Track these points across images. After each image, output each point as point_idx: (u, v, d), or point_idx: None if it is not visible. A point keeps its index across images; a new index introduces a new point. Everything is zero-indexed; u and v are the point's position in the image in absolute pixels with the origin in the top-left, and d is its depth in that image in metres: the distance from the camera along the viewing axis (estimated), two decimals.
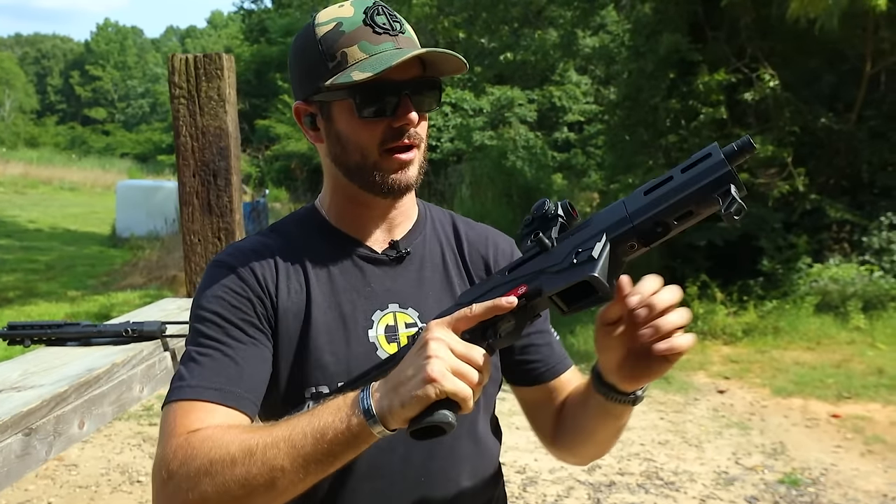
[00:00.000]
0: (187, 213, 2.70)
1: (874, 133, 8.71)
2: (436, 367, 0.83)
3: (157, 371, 2.10)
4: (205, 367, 1.02)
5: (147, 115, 54.01)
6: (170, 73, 2.67)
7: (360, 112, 1.05)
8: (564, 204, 0.94)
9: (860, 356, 6.26)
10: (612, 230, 0.86)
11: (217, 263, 1.12)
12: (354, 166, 1.09)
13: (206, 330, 1.05)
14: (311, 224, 1.18)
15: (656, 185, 0.84)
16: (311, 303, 1.09)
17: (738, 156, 0.79)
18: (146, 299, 8.91)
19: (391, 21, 1.07)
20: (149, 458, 4.27)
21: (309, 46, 1.09)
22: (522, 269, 0.93)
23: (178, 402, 1.00)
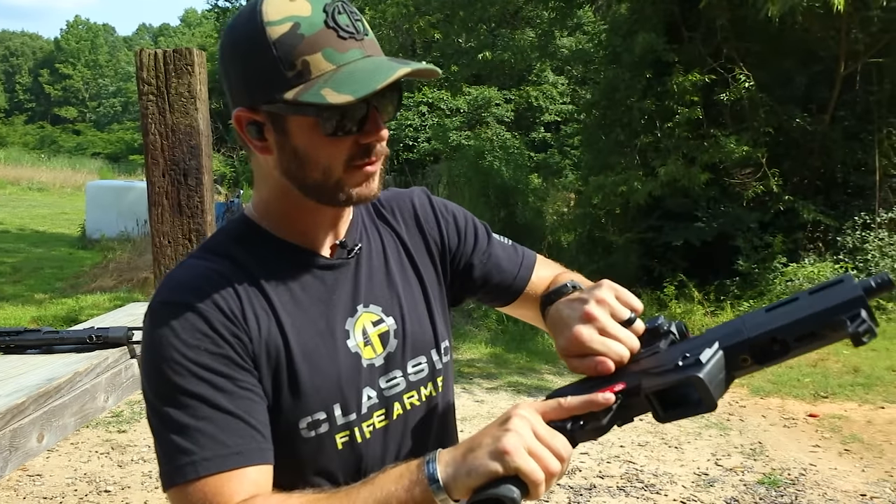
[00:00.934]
0: (156, 213, 2.61)
1: (847, 133, 8.80)
2: (511, 441, 0.80)
3: (124, 379, 2.02)
4: (209, 432, 0.90)
5: (119, 114, 53.31)
6: (137, 69, 2.57)
7: (326, 129, 0.93)
8: (679, 325, 0.92)
9: (836, 355, 6.30)
10: (726, 340, 0.82)
11: (168, 305, 0.95)
12: (313, 184, 0.97)
13: (189, 387, 0.91)
14: (254, 239, 1.04)
15: (780, 304, 0.82)
16: (284, 327, 0.98)
17: (875, 292, 0.77)
18: (116, 302, 8.73)
19: (353, 21, 0.93)
20: (118, 467, 4.16)
21: (256, 47, 0.92)
22: (627, 369, 0.90)
23: (199, 481, 0.89)
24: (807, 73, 9.30)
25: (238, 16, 0.96)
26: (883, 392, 5.36)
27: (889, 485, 3.90)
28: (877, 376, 5.67)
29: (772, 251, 7.97)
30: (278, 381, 0.97)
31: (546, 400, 0.89)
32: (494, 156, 13.02)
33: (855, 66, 8.46)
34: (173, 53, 2.57)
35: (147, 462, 4.21)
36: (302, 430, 0.98)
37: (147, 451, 4.39)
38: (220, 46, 1.00)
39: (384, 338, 1.06)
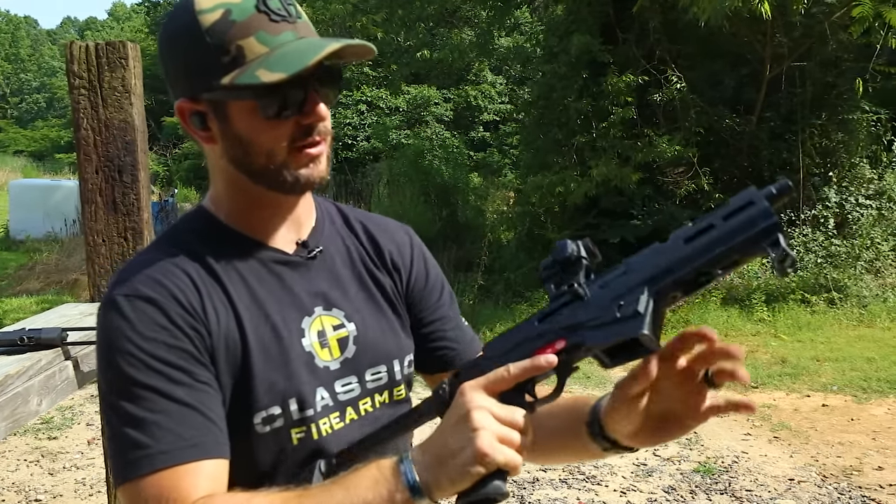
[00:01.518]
0: (90, 211, 2.53)
1: (773, 134, 9.15)
2: (485, 441, 0.80)
3: (58, 381, 1.95)
4: (165, 425, 0.88)
5: (43, 110, 51.19)
6: (68, 62, 2.49)
7: (266, 112, 0.93)
8: (587, 244, 0.89)
9: (765, 347, 6.55)
10: (655, 282, 0.81)
11: (125, 297, 0.93)
12: (259, 168, 0.97)
13: (145, 380, 0.89)
14: (210, 232, 1.03)
15: (697, 233, 0.80)
16: (242, 321, 0.97)
17: (778, 200, 0.78)
18: (44, 305, 8.40)
19: (285, 5, 0.94)
20: (49, 475, 4.01)
21: (191, 37, 0.93)
22: (555, 320, 0.87)
23: (154, 475, 0.87)
24: (735, 75, 9.63)
25: (173, 9, 0.97)
26: (808, 381, 5.60)
27: (815, 469, 4.08)
28: (802, 366, 5.92)
29: None
30: (234, 376, 0.96)
31: (487, 372, 0.86)
32: (434, 155, 13.06)
33: (780, 69, 8.81)
34: (106, 46, 2.50)
35: (80, 469, 4.07)
36: (257, 426, 0.97)
37: (80, 457, 4.24)
38: (158, 41, 1.01)
39: (343, 343, 1.05)
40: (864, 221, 8.37)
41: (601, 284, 0.85)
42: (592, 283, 0.86)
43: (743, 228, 0.77)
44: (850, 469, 4.06)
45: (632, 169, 8.33)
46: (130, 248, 2.55)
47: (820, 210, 8.49)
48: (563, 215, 9.52)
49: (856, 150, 8.90)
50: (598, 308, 0.84)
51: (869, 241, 8.10)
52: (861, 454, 4.25)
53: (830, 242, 8.13)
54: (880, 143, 8.97)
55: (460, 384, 0.87)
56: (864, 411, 4.95)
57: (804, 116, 9.02)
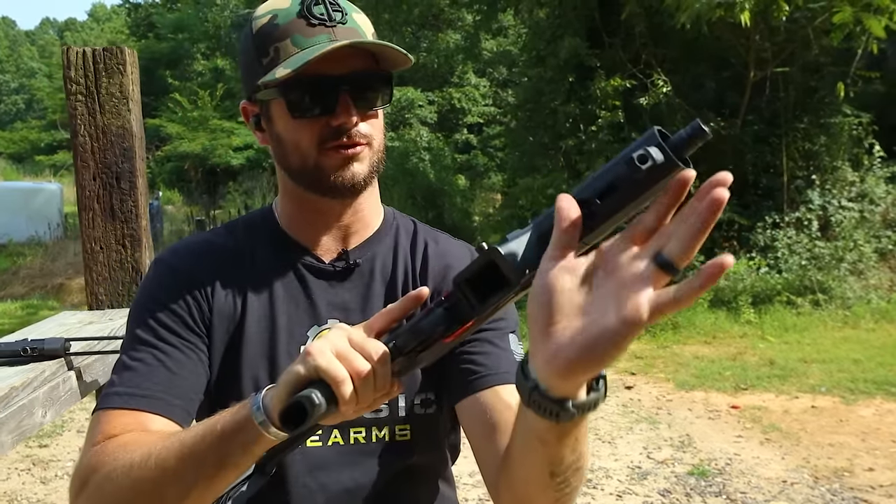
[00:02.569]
0: (87, 218, 2.51)
1: (757, 137, 9.25)
2: (316, 345, 0.75)
3: (62, 393, 1.92)
4: (136, 374, 0.98)
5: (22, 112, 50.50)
6: (65, 68, 2.47)
7: (292, 111, 0.98)
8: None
9: (752, 349, 6.61)
10: (541, 219, 0.73)
11: (156, 262, 1.08)
12: (296, 169, 1.02)
13: (140, 333, 1.01)
14: (262, 227, 1.11)
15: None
16: (246, 311, 1.04)
17: (689, 145, 0.66)
18: (29, 310, 8.30)
19: (330, 11, 0.98)
20: (41, 484, 3.96)
21: (246, 41, 1.02)
22: None
23: (105, 411, 0.96)
24: (719, 79, 9.73)
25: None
26: (797, 383, 5.65)
27: (807, 471, 4.12)
28: (790, 368, 5.98)
29: None
30: (222, 358, 1.03)
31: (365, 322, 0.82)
32: (419, 157, 13.06)
33: (764, 73, 8.90)
34: (103, 52, 2.49)
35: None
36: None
37: (71, 465, 4.19)
38: None
39: None
40: (847, 224, 8.48)
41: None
42: None
43: (653, 184, 0.64)
44: (842, 470, 4.10)
45: None
46: (128, 255, 2.53)
47: (804, 212, 8.59)
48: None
49: (838, 154, 9.01)
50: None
51: (852, 243, 8.21)
52: (851, 455, 4.30)
53: (814, 244, 8.22)
54: (862, 146, 9.09)
55: None
56: (853, 412, 5.01)
57: (787, 120, 9.12)
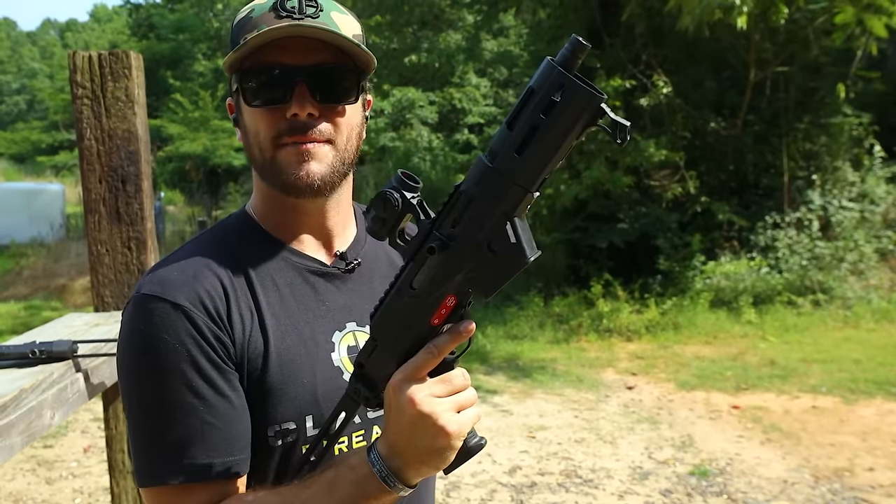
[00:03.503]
0: (93, 221, 2.54)
1: (757, 138, 9.26)
2: (451, 423, 0.83)
3: (70, 395, 1.95)
4: (187, 441, 0.91)
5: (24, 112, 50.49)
6: (71, 72, 2.49)
7: (246, 98, 0.97)
8: (399, 179, 0.82)
9: (753, 349, 6.62)
10: (510, 207, 0.76)
11: (148, 299, 0.93)
12: (258, 162, 1.00)
13: (171, 394, 0.91)
14: (249, 234, 1.04)
15: (525, 141, 0.73)
16: (266, 329, 0.97)
17: (574, 62, 0.71)
18: (31, 310, 8.32)
19: (303, 4, 0.95)
20: (45, 484, 3.98)
21: (229, 37, 1.03)
22: (432, 280, 0.82)
23: (169, 489, 0.91)
24: (719, 79, 9.73)
25: None
26: (797, 382, 5.67)
27: (807, 471, 4.14)
28: (791, 367, 6.00)
29: (690, 250, 8.30)
30: (254, 385, 0.96)
31: (391, 358, 0.87)
32: (420, 157, 13.06)
33: (764, 74, 8.91)
34: (109, 56, 2.51)
35: (77, 477, 4.05)
36: (269, 438, 0.97)
37: (76, 466, 4.22)
38: None
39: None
40: (848, 224, 8.50)
41: (452, 224, 0.79)
42: (442, 225, 0.80)
43: (571, 116, 0.70)
44: (842, 470, 4.12)
45: (622, 173, 8.41)
46: (134, 258, 2.56)
47: (804, 213, 8.60)
48: (551, 218, 9.56)
49: (839, 154, 9.03)
50: (469, 255, 0.79)
51: (853, 243, 8.22)
52: (852, 455, 4.32)
53: (815, 245, 8.24)
54: (862, 146, 9.10)
55: (380, 376, 0.88)
56: (853, 412, 5.03)
57: (788, 120, 9.13)
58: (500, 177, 0.75)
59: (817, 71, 9.23)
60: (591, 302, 7.87)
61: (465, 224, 0.78)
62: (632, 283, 8.15)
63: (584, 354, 6.72)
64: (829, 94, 8.78)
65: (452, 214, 0.79)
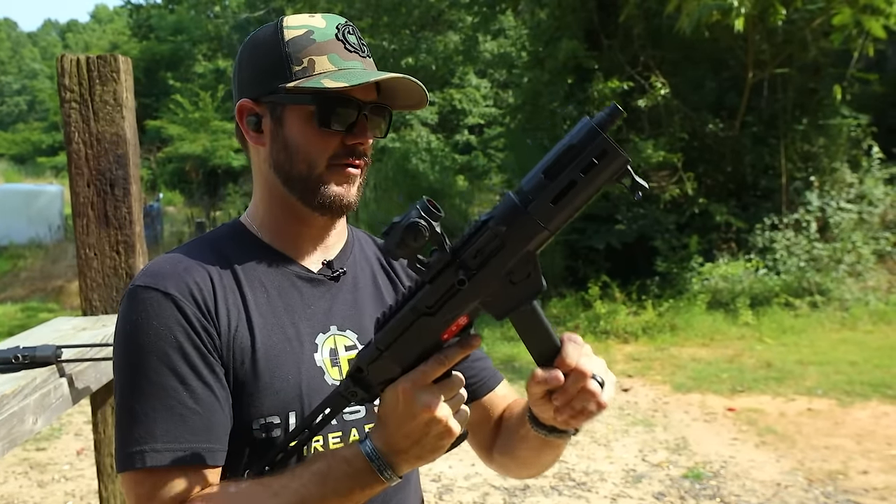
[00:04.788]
0: (81, 225, 2.53)
1: (756, 139, 9.26)
2: (457, 426, 0.91)
3: (53, 400, 1.94)
4: (167, 424, 0.94)
5: (24, 113, 50.57)
6: (59, 76, 2.49)
7: (321, 120, 1.02)
8: (426, 207, 0.85)
9: (750, 351, 6.62)
10: (536, 246, 0.86)
11: (139, 290, 0.99)
12: (297, 176, 1.05)
13: (155, 377, 0.95)
14: (242, 240, 1.10)
15: (562, 193, 0.82)
16: (253, 325, 1.02)
17: (610, 125, 0.81)
18: (28, 312, 8.33)
19: (360, 43, 1.08)
20: (38, 487, 3.98)
21: (271, 45, 1.05)
22: (450, 304, 0.90)
23: (147, 472, 0.94)
24: (718, 80, 9.73)
25: (264, 26, 1.09)
26: (793, 385, 5.66)
27: (801, 474, 4.13)
28: (787, 370, 5.99)
29: (688, 251, 8.30)
30: (239, 379, 1.00)
31: (394, 366, 0.92)
32: (420, 158, 13.08)
33: (762, 75, 8.91)
34: (97, 60, 2.51)
35: (69, 480, 4.05)
36: (255, 431, 1.00)
37: (68, 468, 4.22)
38: (240, 48, 1.12)
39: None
40: (846, 225, 8.49)
41: (475, 255, 0.86)
42: (465, 255, 0.86)
43: (606, 177, 0.81)
44: (836, 473, 4.11)
45: None
46: (122, 262, 2.55)
47: (802, 214, 8.60)
48: None
49: (837, 155, 9.02)
50: (491, 285, 0.88)
51: (850, 244, 8.21)
52: (846, 458, 4.31)
53: (812, 246, 8.23)
54: (860, 148, 9.09)
55: (380, 381, 0.93)
56: (849, 415, 5.02)
57: (786, 122, 9.13)
58: (534, 222, 0.84)
59: (816, 72, 9.22)
60: (589, 303, 7.87)
61: (494, 259, 0.86)
62: (629, 285, 8.14)
63: None
64: (828, 95, 8.77)
65: (477, 246, 0.86)
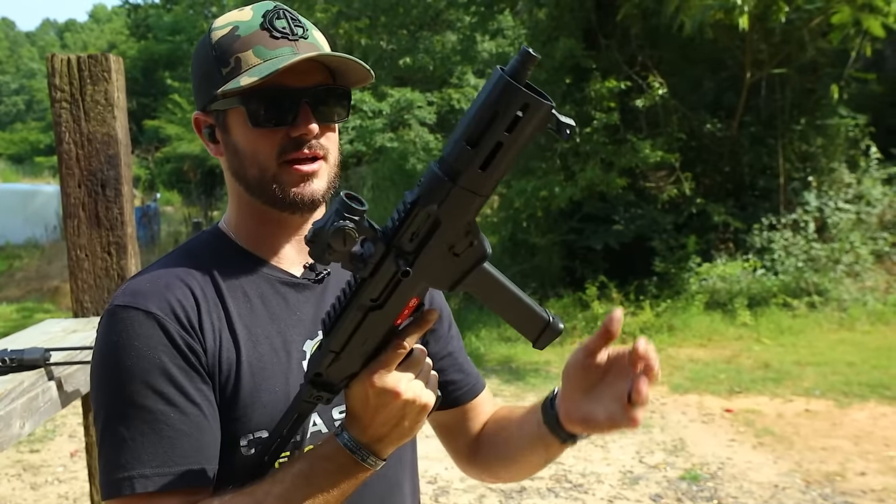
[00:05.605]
0: (72, 226, 2.51)
1: (754, 139, 9.24)
2: (431, 400, 0.90)
3: (41, 403, 1.92)
4: (154, 448, 0.90)
5: (22, 112, 50.51)
6: (49, 75, 2.46)
7: (253, 120, 0.97)
8: (346, 205, 0.79)
9: (748, 351, 6.60)
10: (473, 216, 0.80)
11: (119, 310, 0.94)
12: (254, 181, 1.00)
13: (141, 400, 0.91)
14: (222, 249, 1.05)
15: (490, 157, 0.75)
16: (238, 339, 0.98)
17: (524, 73, 0.74)
18: (24, 312, 8.31)
19: (292, 25, 1.00)
20: (31, 489, 3.96)
21: (204, 52, 1.01)
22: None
23: (135, 498, 0.90)
24: (715, 80, 9.71)
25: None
26: (791, 386, 5.65)
27: (798, 475, 4.12)
28: (785, 371, 5.98)
29: (686, 252, 8.28)
30: (226, 395, 0.97)
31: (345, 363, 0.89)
32: (418, 158, 13.04)
33: (760, 75, 8.89)
34: (88, 59, 2.48)
35: (63, 483, 4.02)
36: (242, 447, 0.97)
37: (62, 471, 4.19)
38: None
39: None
40: (844, 225, 8.48)
41: (411, 238, 0.80)
42: (401, 240, 0.80)
43: (532, 129, 0.75)
44: (833, 475, 4.10)
45: (616, 174, 8.39)
46: (114, 263, 2.53)
47: (800, 214, 8.58)
48: (546, 220, 9.54)
49: (835, 155, 9.01)
50: (435, 264, 0.82)
51: (848, 245, 8.20)
52: (844, 459, 4.29)
53: (811, 246, 8.22)
54: (858, 148, 9.08)
55: (341, 378, 0.90)
56: (846, 416, 5.00)
57: (784, 122, 9.11)
58: (466, 192, 0.77)
59: (814, 72, 9.21)
60: (586, 304, 7.85)
61: (432, 240, 0.80)
62: (627, 285, 8.13)
63: None
64: (826, 95, 8.76)
65: (411, 229, 0.80)
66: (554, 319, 0.89)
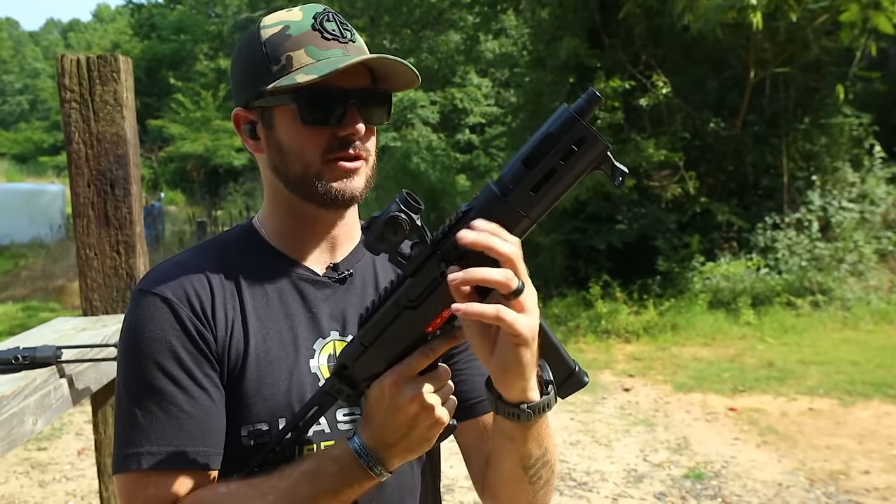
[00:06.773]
0: (82, 225, 2.53)
1: (757, 138, 9.24)
2: (445, 416, 0.89)
3: (53, 400, 1.94)
4: (162, 427, 0.95)
5: (26, 112, 50.58)
6: (59, 76, 2.48)
7: (304, 118, 0.99)
8: (405, 200, 0.83)
9: (751, 350, 6.61)
10: (516, 232, 0.82)
11: (142, 294, 1.00)
12: (295, 177, 1.02)
13: (151, 380, 0.96)
14: (249, 243, 1.09)
15: (542, 181, 0.79)
16: (248, 330, 1.01)
17: (589, 112, 0.79)
18: (29, 311, 8.34)
19: (341, 28, 1.03)
20: (38, 487, 3.98)
21: (252, 49, 1.03)
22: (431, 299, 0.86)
23: (142, 473, 0.94)
24: (719, 79, 9.71)
25: (248, 30, 1.07)
26: (795, 385, 5.65)
27: (802, 474, 4.13)
28: (789, 370, 5.98)
29: (689, 251, 8.29)
30: (231, 384, 1.00)
31: (375, 363, 0.90)
32: (421, 157, 13.05)
33: (764, 74, 8.89)
34: (97, 60, 2.50)
35: (70, 480, 4.05)
36: (243, 438, 1.00)
37: (69, 468, 4.22)
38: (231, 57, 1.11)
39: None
40: (847, 225, 8.48)
41: (456, 246, 0.82)
42: (447, 246, 0.83)
43: (586, 164, 0.79)
44: (837, 473, 4.11)
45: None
46: (123, 262, 2.55)
47: (804, 213, 8.58)
48: (550, 220, 9.56)
49: (839, 155, 9.00)
50: None
51: (852, 244, 8.20)
52: (847, 458, 4.30)
53: (814, 245, 8.22)
54: (862, 147, 9.08)
55: (364, 376, 0.91)
56: (850, 415, 5.01)
57: (788, 121, 9.11)
58: (516, 211, 0.81)
59: (818, 71, 9.20)
60: (590, 303, 7.86)
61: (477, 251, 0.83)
62: (630, 284, 8.14)
63: (582, 356, 6.70)
64: (830, 94, 8.76)
65: (448, 230, 0.84)
66: (579, 371, 0.91)
